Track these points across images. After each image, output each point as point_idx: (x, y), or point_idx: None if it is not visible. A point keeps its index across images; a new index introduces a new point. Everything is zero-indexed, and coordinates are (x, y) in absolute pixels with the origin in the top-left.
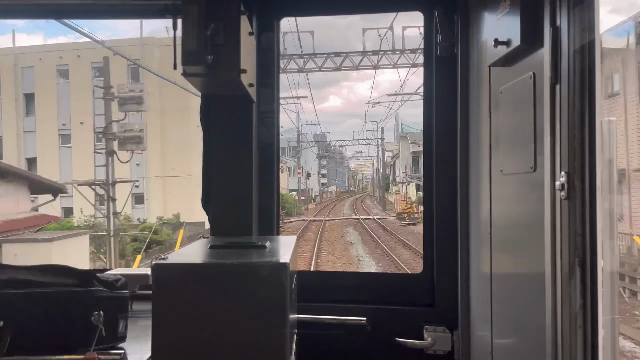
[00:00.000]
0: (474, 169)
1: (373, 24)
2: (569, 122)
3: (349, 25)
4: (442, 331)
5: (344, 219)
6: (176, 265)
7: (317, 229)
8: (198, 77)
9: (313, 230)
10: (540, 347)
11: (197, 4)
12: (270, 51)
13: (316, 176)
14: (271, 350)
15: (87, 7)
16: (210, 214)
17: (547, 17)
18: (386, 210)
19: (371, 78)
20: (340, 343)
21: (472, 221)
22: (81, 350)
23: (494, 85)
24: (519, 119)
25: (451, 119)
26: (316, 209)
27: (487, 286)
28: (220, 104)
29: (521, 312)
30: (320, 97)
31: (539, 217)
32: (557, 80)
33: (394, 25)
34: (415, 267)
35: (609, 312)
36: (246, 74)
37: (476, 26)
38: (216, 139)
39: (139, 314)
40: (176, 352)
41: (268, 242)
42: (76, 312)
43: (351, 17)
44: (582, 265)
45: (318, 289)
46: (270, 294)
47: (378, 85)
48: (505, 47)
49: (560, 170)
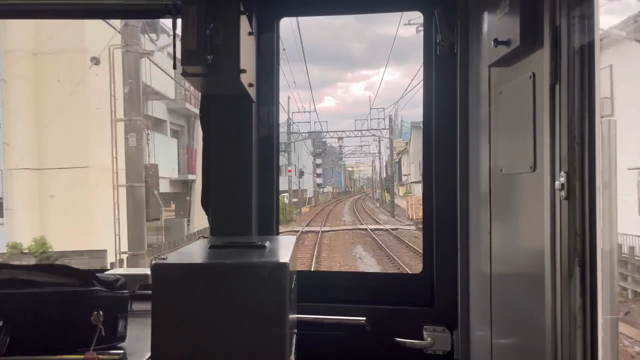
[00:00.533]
0: (474, 169)
1: (369, 25)
2: (569, 122)
3: (345, 25)
4: (442, 331)
5: (347, 229)
6: (176, 265)
7: (310, 250)
8: (198, 77)
9: (304, 252)
10: (539, 347)
11: (196, 4)
12: (270, 51)
13: (310, 175)
14: (271, 351)
15: (87, 6)
16: (210, 214)
17: (547, 17)
18: (395, 215)
19: (366, 79)
20: (340, 343)
21: (471, 221)
22: (81, 350)
23: (494, 85)
24: (518, 119)
25: (451, 118)
26: (311, 214)
27: (486, 286)
28: (220, 104)
29: (521, 312)
30: (316, 97)
31: (539, 217)
32: (557, 80)
33: (391, 26)
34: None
35: (608, 312)
36: (246, 74)
37: (476, 26)
38: (216, 139)
39: (138, 313)
40: (176, 352)
41: (268, 242)
42: (76, 311)
43: (346, 18)
44: (582, 265)
45: (317, 289)
46: (269, 294)
47: (372, 85)
48: (505, 47)
49: (560, 170)
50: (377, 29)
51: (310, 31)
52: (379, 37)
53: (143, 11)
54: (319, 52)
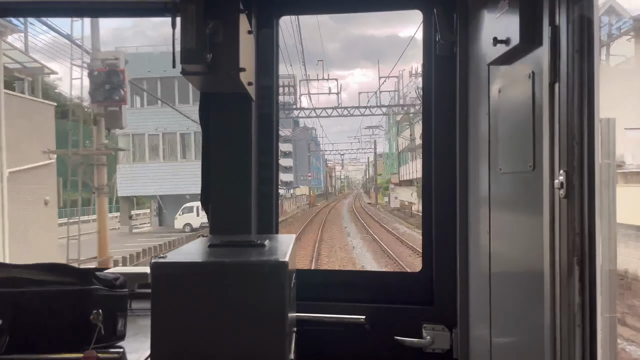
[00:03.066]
0: (473, 168)
1: (344, 25)
2: (568, 121)
3: (321, 24)
4: (441, 330)
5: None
6: (175, 264)
7: None
8: (197, 75)
9: None
10: (539, 346)
11: (196, 3)
12: (270, 49)
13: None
14: (270, 349)
15: (87, 5)
16: (209, 213)
17: (546, 16)
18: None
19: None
20: (340, 341)
21: (470, 220)
22: (80, 348)
23: (493, 84)
24: (517, 117)
25: (450, 117)
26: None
27: (486, 285)
28: (219, 102)
29: (520, 310)
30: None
31: (538, 216)
32: (556, 79)
33: (386, 28)
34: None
35: (607, 310)
36: (245, 73)
37: (475, 25)
38: (215, 137)
39: (138, 312)
40: (175, 350)
41: (267, 240)
42: (75, 310)
43: (321, 17)
44: (581, 264)
45: (317, 288)
46: (269, 292)
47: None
48: (504, 45)
49: (559, 169)
50: (352, 29)
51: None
52: (354, 37)
53: (142, 9)
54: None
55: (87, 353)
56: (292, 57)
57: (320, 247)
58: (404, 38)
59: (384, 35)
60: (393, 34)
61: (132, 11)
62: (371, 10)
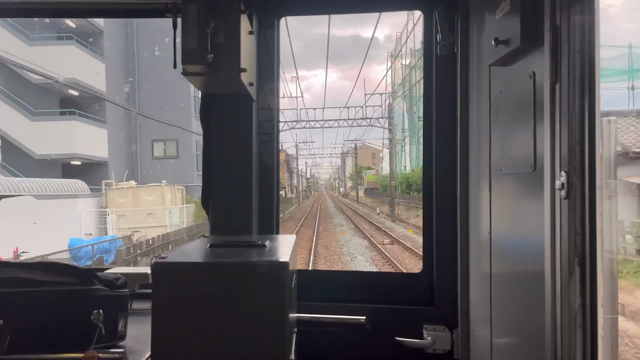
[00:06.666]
0: (474, 168)
1: (305, 24)
2: (569, 122)
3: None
4: (442, 330)
5: None
6: (175, 264)
7: None
8: (198, 76)
9: None
10: (539, 347)
11: (197, 3)
12: (271, 50)
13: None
14: (271, 350)
15: (86, 6)
16: (210, 213)
17: (547, 16)
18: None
19: (303, 80)
20: (340, 342)
21: (471, 220)
22: (81, 348)
23: (494, 85)
24: (518, 118)
25: (451, 118)
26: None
27: (486, 285)
28: (220, 103)
29: (521, 311)
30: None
31: (539, 217)
32: (557, 79)
33: (348, 28)
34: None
35: (608, 311)
36: (246, 73)
37: (476, 25)
38: (216, 138)
39: (138, 312)
40: (175, 350)
41: (268, 241)
42: (76, 310)
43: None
44: (582, 265)
45: (317, 288)
46: (269, 293)
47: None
48: (505, 46)
49: (560, 170)
50: (314, 29)
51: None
52: (316, 36)
53: (143, 10)
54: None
55: (88, 353)
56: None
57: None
58: (366, 38)
59: (347, 35)
60: (355, 34)
61: (132, 12)
62: (371, 11)
